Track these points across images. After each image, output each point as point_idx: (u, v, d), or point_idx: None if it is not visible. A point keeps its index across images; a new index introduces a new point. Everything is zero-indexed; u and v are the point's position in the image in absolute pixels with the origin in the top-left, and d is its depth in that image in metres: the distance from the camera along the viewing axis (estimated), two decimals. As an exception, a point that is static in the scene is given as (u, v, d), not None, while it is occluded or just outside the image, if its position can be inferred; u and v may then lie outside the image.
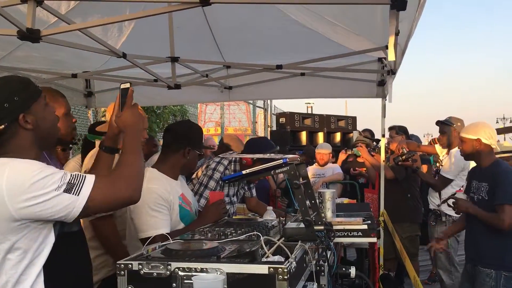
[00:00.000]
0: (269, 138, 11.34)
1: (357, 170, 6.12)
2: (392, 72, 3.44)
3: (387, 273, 4.90)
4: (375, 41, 3.56)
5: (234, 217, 2.94)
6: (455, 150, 4.47)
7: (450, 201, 3.47)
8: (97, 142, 3.15)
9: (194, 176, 3.48)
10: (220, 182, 3.35)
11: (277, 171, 1.92)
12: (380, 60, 4.42)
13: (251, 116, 14.21)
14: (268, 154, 1.93)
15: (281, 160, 1.88)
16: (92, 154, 2.94)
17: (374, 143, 6.10)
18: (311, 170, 6.15)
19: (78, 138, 5.08)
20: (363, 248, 4.53)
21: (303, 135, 10.48)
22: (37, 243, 1.53)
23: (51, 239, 1.56)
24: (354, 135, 7.95)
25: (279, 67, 3.94)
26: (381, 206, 4.79)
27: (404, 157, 4.66)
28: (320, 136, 10.67)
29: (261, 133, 14.32)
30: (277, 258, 1.61)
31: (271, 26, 4.09)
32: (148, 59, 3.81)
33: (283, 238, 1.96)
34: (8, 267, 1.51)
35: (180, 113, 9.04)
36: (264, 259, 1.61)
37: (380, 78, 4.65)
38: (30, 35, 2.17)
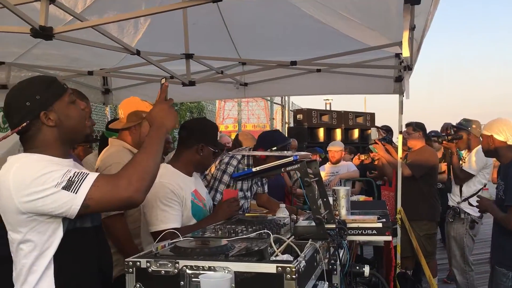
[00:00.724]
0: (286, 135, 11.34)
1: (374, 173, 6.05)
2: (409, 68, 3.38)
3: (404, 271, 4.83)
4: (391, 37, 3.50)
5: (247, 214, 2.92)
6: (478, 147, 4.40)
7: (472, 200, 3.43)
8: (110, 140, 3.18)
9: (207, 172, 3.48)
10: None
11: (287, 168, 1.89)
12: (397, 55, 4.36)
13: (270, 112, 14.19)
14: (279, 151, 1.90)
15: (292, 158, 1.86)
16: (106, 152, 2.96)
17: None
18: (325, 168, 6.10)
19: (96, 134, 5.13)
20: (381, 246, 4.49)
21: (321, 132, 10.42)
22: (46, 236, 1.59)
23: (60, 233, 1.60)
24: (372, 132, 7.86)
25: (293, 63, 3.90)
26: (398, 204, 4.72)
27: (450, 137, 4.59)
28: (338, 132, 10.59)
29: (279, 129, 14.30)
30: (286, 257, 1.59)
31: (286, 22, 4.06)
32: (162, 56, 3.81)
33: (294, 237, 1.93)
34: (21, 256, 1.62)
35: (197, 110, 9.06)
36: (272, 258, 1.59)
37: (397, 74, 4.57)
38: (43, 33, 2.19)
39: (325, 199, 2.15)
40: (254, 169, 1.95)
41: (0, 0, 1.93)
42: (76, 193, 1.52)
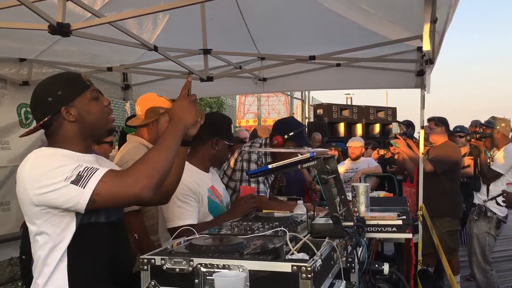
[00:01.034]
0: (306, 130, 11.30)
1: (394, 167, 5.97)
2: (431, 62, 3.30)
3: (425, 268, 4.76)
4: (412, 30, 3.43)
5: (264, 210, 2.90)
6: (507, 145, 4.31)
7: (500, 199, 3.36)
8: (128, 136, 3.20)
9: (226, 167, 3.46)
10: (259, 163, 3.31)
11: (304, 165, 1.87)
12: (419, 49, 4.26)
13: (290, 107, 14.13)
14: (296, 148, 1.88)
15: (308, 154, 1.83)
16: (124, 149, 2.97)
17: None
18: (344, 165, 6.03)
19: (116, 130, 5.19)
20: (401, 242, 4.42)
21: (341, 127, 10.33)
22: (59, 229, 1.61)
23: (72, 227, 1.62)
24: (393, 127, 7.75)
25: (312, 58, 3.85)
26: (419, 200, 4.64)
27: (479, 135, 4.51)
28: (359, 127, 10.49)
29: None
30: (301, 255, 1.56)
31: (305, 16, 4.01)
32: (180, 52, 3.81)
33: (310, 234, 1.91)
34: (37, 248, 1.66)
35: (217, 105, 9.06)
36: (288, 256, 1.57)
37: (419, 68, 4.48)
38: (61, 29, 2.20)
39: (342, 196, 2.11)
40: (270, 166, 1.93)
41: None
42: (84, 188, 1.52)
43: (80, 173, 1.53)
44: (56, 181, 1.53)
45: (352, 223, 2.00)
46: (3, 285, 4.14)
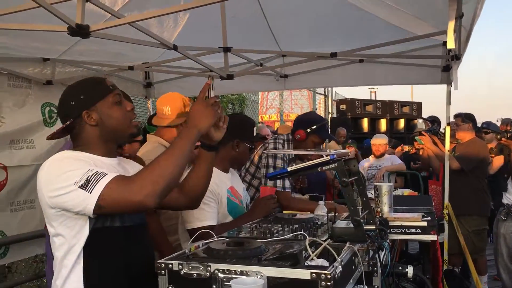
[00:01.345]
0: (329, 125, 11.18)
1: (418, 164, 5.85)
2: (457, 58, 3.20)
3: (451, 268, 4.66)
4: (437, 25, 3.33)
5: (285, 211, 2.87)
6: None
7: None
8: (148, 136, 3.20)
9: (249, 165, 3.43)
10: (285, 158, 3.29)
11: (324, 167, 1.82)
12: (445, 44, 4.14)
13: (313, 102, 14.02)
14: (315, 150, 1.83)
15: (329, 157, 1.79)
16: (143, 149, 2.97)
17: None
18: (368, 162, 5.94)
19: (140, 127, 5.21)
20: (427, 242, 4.33)
21: (365, 122, 10.21)
22: (74, 232, 1.63)
23: (86, 230, 1.63)
24: (419, 123, 7.58)
25: (333, 55, 3.78)
26: (445, 198, 4.53)
27: (510, 134, 4.39)
28: (383, 123, 10.35)
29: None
30: (321, 261, 1.53)
31: (327, 11, 3.94)
32: (200, 50, 3.79)
33: (331, 238, 1.86)
34: (54, 249, 1.69)
35: (238, 102, 9.04)
36: (308, 262, 1.54)
37: (445, 63, 4.36)
38: (80, 31, 2.20)
39: (364, 198, 2.06)
40: (289, 168, 1.89)
41: (38, 1, 1.93)
42: (90, 193, 1.52)
43: (88, 178, 1.54)
44: (67, 185, 1.54)
45: (374, 227, 1.95)
46: (28, 282, 4.22)
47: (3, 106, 3.72)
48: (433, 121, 5.76)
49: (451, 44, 2.09)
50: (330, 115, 11.96)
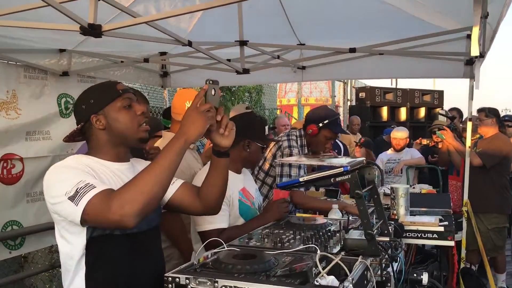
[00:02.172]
0: (347, 113, 11.00)
1: (436, 157, 5.73)
2: (481, 55, 3.07)
3: (468, 267, 4.58)
4: (462, 21, 3.20)
5: (298, 214, 2.83)
6: None
7: None
8: (163, 133, 3.18)
9: (262, 162, 3.40)
10: (300, 153, 3.28)
11: (337, 179, 1.77)
12: (468, 36, 4.00)
13: (332, 88, 13.80)
14: (327, 161, 1.78)
15: (342, 168, 1.73)
16: (160, 145, 2.95)
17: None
18: (386, 155, 5.84)
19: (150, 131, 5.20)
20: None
21: (384, 111, 10.02)
22: (74, 237, 1.63)
23: (83, 237, 1.62)
24: (440, 117, 7.38)
25: (352, 50, 3.68)
26: (465, 195, 4.43)
27: None
28: (403, 111, 10.14)
29: (341, 108, 13.91)
30: (331, 280, 1.48)
31: (347, 2, 3.83)
32: (215, 45, 3.73)
33: (343, 250, 1.82)
34: (60, 250, 1.70)
35: (255, 90, 8.95)
36: (318, 280, 1.50)
37: (469, 56, 4.22)
38: (92, 31, 2.16)
39: (379, 208, 2.01)
40: (301, 179, 1.84)
41: (47, 0, 1.90)
42: (77, 206, 1.51)
43: (78, 190, 1.52)
44: (59, 195, 1.55)
45: (388, 238, 1.90)
46: (45, 271, 4.28)
47: (20, 98, 3.73)
48: (453, 117, 5.61)
49: (475, 51, 1.98)
50: (349, 102, 11.77)
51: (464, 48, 4.17)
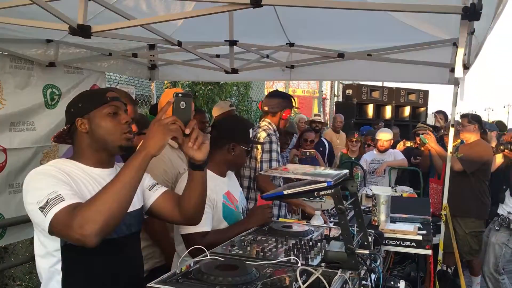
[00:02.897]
0: (334, 109, 11.08)
1: (418, 159, 5.82)
2: (465, 67, 3.12)
3: (444, 270, 4.69)
4: (449, 30, 3.24)
5: (281, 219, 2.87)
6: None
7: None
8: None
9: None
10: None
11: (321, 193, 1.80)
12: (455, 44, 4.05)
13: (320, 82, 13.86)
14: (311, 176, 1.80)
15: (325, 183, 1.76)
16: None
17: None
18: (370, 155, 5.91)
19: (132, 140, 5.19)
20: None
21: (370, 108, 10.11)
22: (50, 240, 1.63)
23: (57, 243, 1.63)
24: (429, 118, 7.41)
25: (340, 56, 3.71)
26: (444, 199, 4.52)
27: None
28: (388, 109, 10.24)
29: (328, 100, 13.99)
30: (310, 295, 1.52)
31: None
32: (204, 44, 3.73)
33: (324, 261, 1.86)
34: (36, 254, 1.72)
35: (243, 85, 8.95)
36: (297, 294, 1.53)
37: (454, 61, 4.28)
38: (81, 32, 2.15)
39: (360, 220, 2.05)
40: (285, 192, 1.87)
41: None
42: (45, 217, 1.52)
43: (48, 200, 1.53)
44: (32, 202, 1.57)
45: (367, 251, 1.95)
46: (25, 263, 4.26)
47: (5, 88, 3.69)
48: (434, 126, 5.69)
49: (459, 73, 2.01)
50: (336, 98, 11.85)
51: (450, 54, 4.24)
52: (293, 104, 3.75)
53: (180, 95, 1.67)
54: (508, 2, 1.77)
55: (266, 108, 3.67)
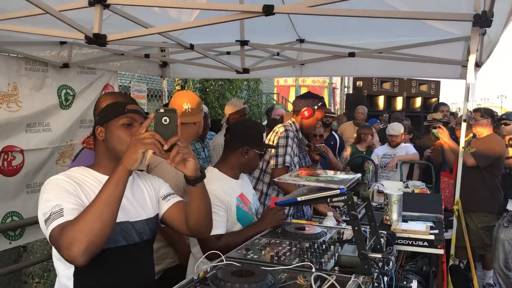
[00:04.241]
0: (344, 101, 11.07)
1: (432, 150, 5.79)
2: (477, 65, 3.11)
3: (456, 265, 4.71)
4: (461, 27, 3.23)
5: (294, 220, 2.90)
6: None
7: None
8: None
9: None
10: (295, 151, 3.61)
11: (333, 199, 1.84)
12: (467, 39, 4.04)
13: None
14: (324, 183, 1.83)
15: (338, 191, 1.80)
16: None
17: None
18: (382, 150, 5.90)
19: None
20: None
21: (381, 100, 10.08)
22: None
23: None
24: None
25: (351, 55, 3.72)
26: (456, 195, 4.52)
27: None
28: (399, 101, 10.21)
29: (338, 92, 13.98)
30: (325, 302, 1.56)
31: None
32: (216, 47, 3.75)
33: (337, 266, 1.90)
34: (53, 253, 1.74)
35: (253, 78, 8.95)
36: (312, 301, 1.57)
37: (466, 58, 4.26)
38: (97, 41, 2.19)
39: (372, 224, 2.08)
40: (299, 199, 1.91)
41: (45, 8, 1.92)
42: (47, 230, 1.58)
43: (51, 214, 1.58)
44: (40, 213, 1.63)
45: (380, 255, 1.98)
46: (43, 261, 4.36)
47: (21, 90, 3.76)
48: (445, 122, 5.66)
49: (471, 79, 2.02)
50: (346, 90, 11.82)
51: (462, 49, 4.22)
52: (319, 104, 3.64)
53: (162, 110, 1.64)
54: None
55: (292, 108, 3.76)
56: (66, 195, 1.65)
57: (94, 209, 1.54)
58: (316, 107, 3.63)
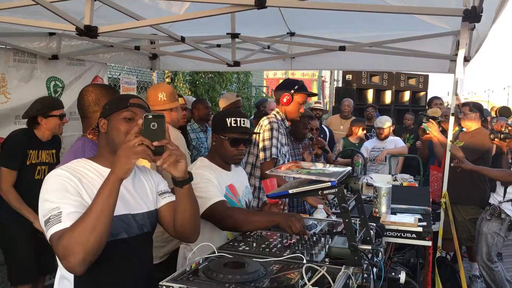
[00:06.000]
0: (334, 95, 11.08)
1: (420, 144, 5.85)
2: (466, 60, 3.15)
3: (443, 256, 4.78)
4: (450, 22, 3.26)
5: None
6: None
7: None
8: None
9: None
10: (281, 142, 3.55)
11: (325, 192, 1.86)
12: (456, 34, 4.08)
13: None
14: (316, 176, 1.85)
15: (330, 183, 1.82)
16: None
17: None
18: (371, 143, 5.95)
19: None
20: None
21: (370, 93, 10.10)
22: None
23: None
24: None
25: (342, 48, 3.73)
26: (444, 187, 4.57)
27: (503, 136, 4.36)
28: (388, 94, 10.24)
29: (327, 85, 13.99)
30: (316, 292, 1.59)
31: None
32: (207, 38, 3.74)
33: (328, 257, 1.93)
34: None
35: (243, 72, 8.95)
36: (303, 292, 1.60)
37: (455, 52, 4.30)
38: (88, 32, 2.18)
39: (362, 216, 2.11)
40: (290, 191, 1.93)
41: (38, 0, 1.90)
42: (46, 232, 1.60)
43: (50, 217, 1.59)
44: (40, 214, 1.64)
45: (369, 247, 2.01)
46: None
47: (9, 82, 3.73)
48: (433, 117, 5.71)
49: (460, 74, 2.04)
50: (335, 83, 11.84)
51: (450, 44, 4.26)
52: (296, 87, 3.55)
53: (150, 116, 1.64)
54: (509, 4, 1.79)
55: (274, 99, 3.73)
56: (66, 195, 1.65)
57: (89, 221, 1.55)
58: (292, 91, 3.52)
